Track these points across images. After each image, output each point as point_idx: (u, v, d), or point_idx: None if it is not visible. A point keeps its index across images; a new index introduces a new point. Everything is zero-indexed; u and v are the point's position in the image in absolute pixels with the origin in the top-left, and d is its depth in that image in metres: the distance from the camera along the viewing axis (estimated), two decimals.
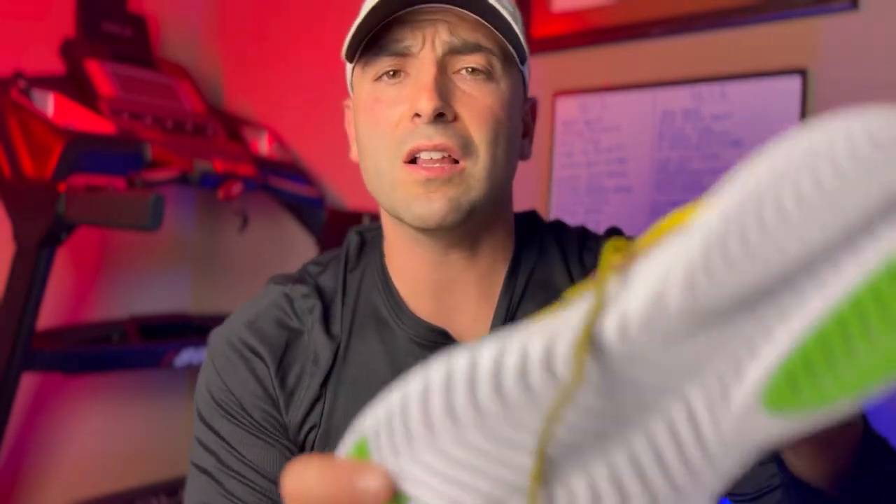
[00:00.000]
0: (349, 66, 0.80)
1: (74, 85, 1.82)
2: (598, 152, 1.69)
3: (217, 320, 0.87)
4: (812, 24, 1.46)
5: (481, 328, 0.79)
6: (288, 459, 0.75)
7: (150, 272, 2.22)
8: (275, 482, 0.75)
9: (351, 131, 0.83)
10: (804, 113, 1.46)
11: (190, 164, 1.75)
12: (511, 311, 0.79)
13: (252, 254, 2.28)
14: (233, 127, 2.09)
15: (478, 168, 0.71)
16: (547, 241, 0.84)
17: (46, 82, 1.75)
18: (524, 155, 0.81)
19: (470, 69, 0.72)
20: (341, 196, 2.10)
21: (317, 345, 0.78)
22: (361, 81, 0.76)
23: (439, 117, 0.69)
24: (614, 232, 0.88)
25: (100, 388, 2.08)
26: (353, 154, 0.82)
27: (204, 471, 0.77)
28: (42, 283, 1.61)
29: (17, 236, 1.62)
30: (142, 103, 1.89)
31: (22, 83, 1.68)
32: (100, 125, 1.72)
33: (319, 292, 0.81)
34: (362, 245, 0.86)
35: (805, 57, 1.47)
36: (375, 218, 1.93)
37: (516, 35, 0.71)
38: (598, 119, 1.68)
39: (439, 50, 0.71)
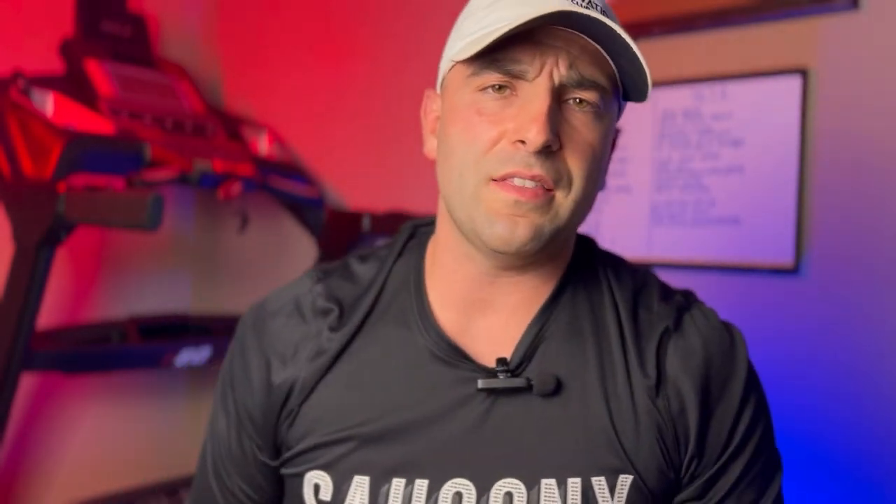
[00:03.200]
0: (446, 60, 0.76)
1: (74, 85, 1.82)
2: None
3: (216, 320, 0.89)
4: (812, 24, 1.46)
5: (501, 351, 0.77)
6: (246, 460, 0.83)
7: (150, 272, 2.22)
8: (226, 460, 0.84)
9: (428, 124, 0.81)
10: (804, 113, 1.46)
11: (189, 164, 1.75)
12: (534, 346, 0.77)
13: (252, 254, 2.28)
14: (232, 126, 2.09)
15: (568, 199, 0.70)
16: (600, 278, 0.81)
17: (46, 82, 1.75)
18: (601, 186, 0.78)
19: (578, 100, 0.70)
20: (341, 196, 2.10)
21: (321, 345, 0.80)
22: (462, 86, 0.73)
23: (544, 149, 0.68)
24: (681, 295, 0.83)
25: (99, 388, 2.07)
26: (429, 149, 0.80)
27: (208, 435, 0.87)
28: (42, 283, 1.61)
29: (17, 236, 1.62)
30: (141, 103, 1.89)
31: (21, 83, 1.68)
32: (99, 125, 1.72)
33: (340, 295, 0.82)
34: (409, 239, 0.86)
35: (805, 57, 1.47)
36: (376, 218, 1.93)
37: (642, 71, 0.69)
38: None
39: (556, 81, 0.68)
